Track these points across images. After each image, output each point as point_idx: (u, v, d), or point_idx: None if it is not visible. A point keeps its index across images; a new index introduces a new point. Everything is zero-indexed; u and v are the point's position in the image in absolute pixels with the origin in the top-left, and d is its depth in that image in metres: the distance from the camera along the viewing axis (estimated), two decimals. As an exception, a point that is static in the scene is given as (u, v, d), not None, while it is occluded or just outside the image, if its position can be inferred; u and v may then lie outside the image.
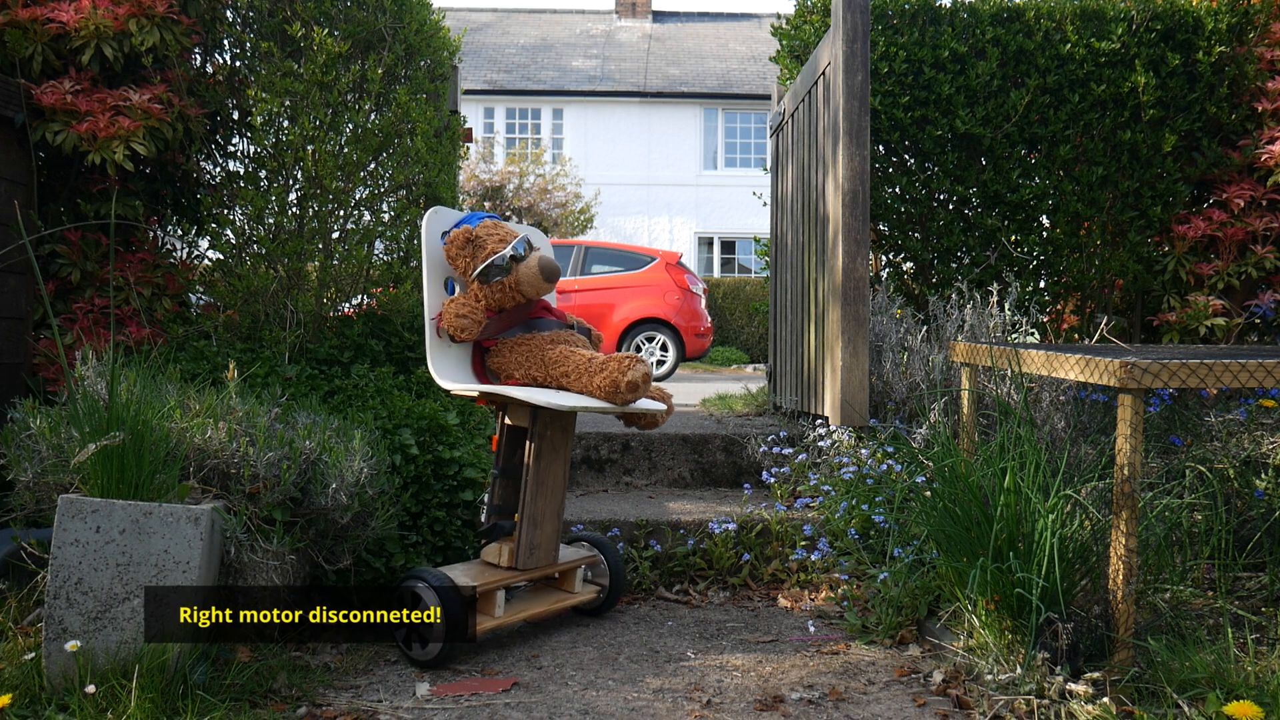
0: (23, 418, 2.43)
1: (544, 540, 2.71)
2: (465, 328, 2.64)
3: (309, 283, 3.48)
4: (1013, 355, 2.71)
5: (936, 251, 4.49)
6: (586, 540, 2.99)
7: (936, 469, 2.61)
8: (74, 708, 2.00)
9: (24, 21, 3.23)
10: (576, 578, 2.85)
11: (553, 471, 2.71)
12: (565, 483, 2.76)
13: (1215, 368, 2.23)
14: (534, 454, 2.65)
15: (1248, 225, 4.33)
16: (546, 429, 2.67)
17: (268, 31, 3.47)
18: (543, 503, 2.69)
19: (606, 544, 2.96)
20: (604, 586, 2.91)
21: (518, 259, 2.69)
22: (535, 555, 2.70)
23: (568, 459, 2.76)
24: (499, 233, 2.73)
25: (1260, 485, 2.84)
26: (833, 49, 3.66)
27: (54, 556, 2.12)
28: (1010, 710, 2.17)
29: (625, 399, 2.53)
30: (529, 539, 2.67)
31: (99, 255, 3.40)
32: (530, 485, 2.65)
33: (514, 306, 2.75)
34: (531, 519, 2.67)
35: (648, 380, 2.53)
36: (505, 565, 2.66)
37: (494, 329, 2.73)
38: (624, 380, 2.50)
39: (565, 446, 2.74)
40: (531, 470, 2.65)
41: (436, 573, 2.48)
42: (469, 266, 2.70)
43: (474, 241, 2.70)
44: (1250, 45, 4.42)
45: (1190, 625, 2.41)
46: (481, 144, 17.51)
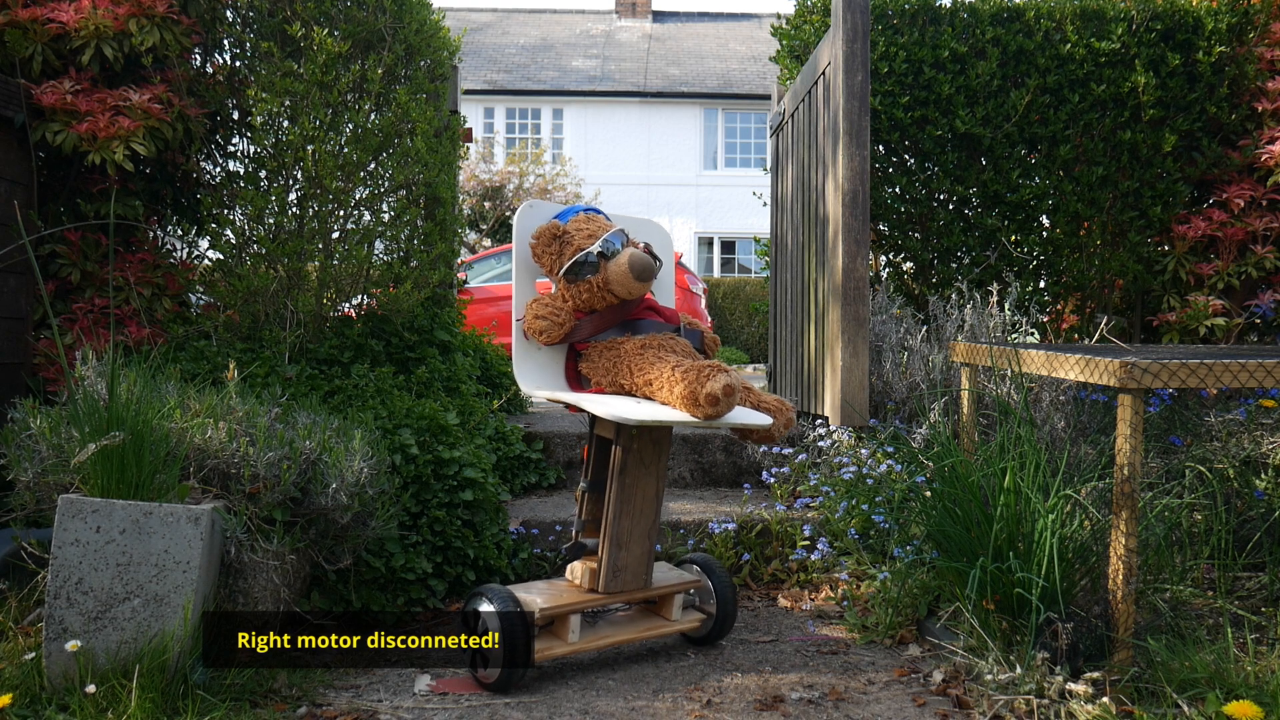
0: (23, 418, 2.43)
1: (630, 562, 2.47)
2: (545, 330, 2.45)
3: (309, 283, 3.48)
4: (1013, 355, 2.71)
5: (936, 251, 4.49)
6: (696, 562, 2.76)
7: (936, 469, 2.61)
8: (74, 708, 2.00)
9: (24, 21, 3.23)
10: (675, 603, 2.62)
11: (641, 488, 2.46)
12: (658, 501, 2.50)
13: (1215, 368, 2.23)
14: (618, 467, 2.41)
15: (1248, 225, 4.33)
16: (634, 441, 2.42)
17: (268, 31, 3.47)
18: (629, 522, 2.45)
19: (715, 567, 2.72)
20: (710, 614, 2.67)
21: (607, 256, 2.44)
22: (620, 578, 2.46)
23: (661, 475, 2.50)
24: (590, 227, 2.50)
25: (1260, 485, 2.84)
26: (833, 49, 3.66)
27: (54, 556, 2.12)
28: (1010, 710, 2.17)
29: (707, 413, 2.21)
30: (612, 560, 2.44)
31: (99, 255, 3.40)
32: (614, 502, 2.42)
33: (609, 307, 2.51)
34: (615, 539, 2.44)
35: (731, 392, 2.20)
36: (585, 587, 2.47)
37: (587, 330, 2.50)
38: (702, 392, 2.20)
39: (657, 461, 2.48)
40: (615, 486, 2.42)
41: (502, 592, 2.33)
42: (555, 265, 2.49)
43: (561, 237, 2.49)
44: (1250, 45, 4.42)
45: (1190, 625, 2.41)
46: (481, 144, 17.51)
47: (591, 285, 2.45)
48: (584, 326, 2.50)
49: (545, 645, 2.36)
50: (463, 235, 12.16)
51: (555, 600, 2.38)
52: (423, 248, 3.79)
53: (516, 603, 2.30)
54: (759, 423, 2.34)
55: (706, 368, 2.23)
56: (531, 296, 2.55)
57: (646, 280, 2.43)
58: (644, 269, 2.41)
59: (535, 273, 2.58)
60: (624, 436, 2.40)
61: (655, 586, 2.57)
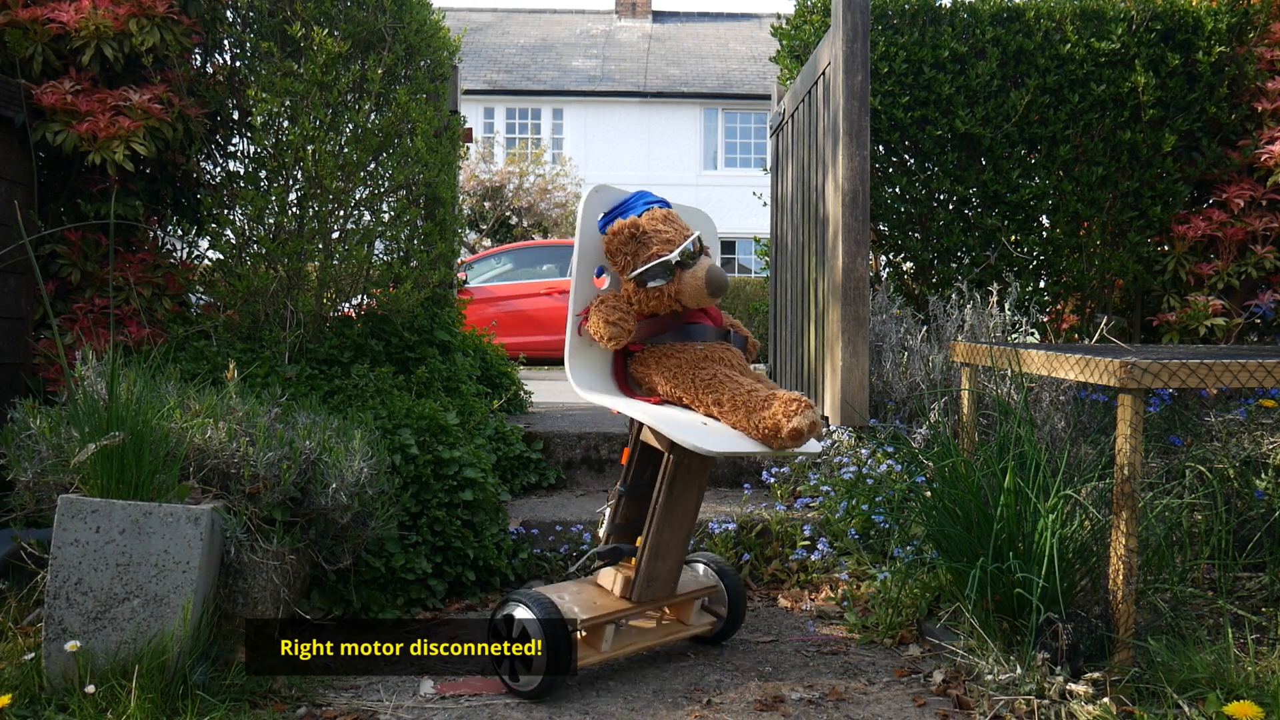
0: (23, 418, 2.43)
1: (664, 572, 2.45)
2: (614, 336, 2.33)
3: (309, 283, 3.48)
4: (1013, 355, 2.71)
5: (936, 251, 4.49)
6: (705, 562, 2.73)
7: (936, 469, 2.61)
8: (74, 708, 2.00)
9: (24, 22, 3.23)
10: (693, 607, 2.60)
11: (685, 500, 2.41)
12: (696, 511, 2.47)
13: (1215, 368, 2.23)
14: (667, 481, 2.35)
15: (1247, 225, 4.33)
16: (685, 455, 2.34)
17: (268, 31, 3.47)
18: (669, 533, 2.40)
19: (726, 567, 2.70)
20: (720, 616, 2.65)
21: (684, 265, 2.34)
22: (653, 588, 2.43)
23: (703, 486, 2.47)
24: (667, 230, 2.38)
25: (1260, 485, 2.84)
26: (833, 49, 3.66)
27: (54, 556, 2.12)
28: (1010, 710, 2.17)
29: (784, 445, 2.18)
30: (649, 570, 2.39)
31: (99, 255, 3.40)
32: (658, 514, 2.36)
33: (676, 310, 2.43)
34: (655, 550, 2.38)
35: (816, 430, 2.17)
36: (619, 594, 2.41)
37: (643, 333, 2.42)
38: (787, 427, 2.14)
39: (703, 474, 2.44)
40: (662, 498, 2.35)
41: (542, 599, 2.26)
42: (628, 265, 2.37)
43: (639, 238, 2.36)
44: (1250, 45, 4.42)
45: (1190, 625, 2.41)
46: (481, 144, 17.50)
47: (662, 294, 2.36)
48: (642, 328, 2.42)
49: (581, 654, 2.32)
50: (463, 235, 12.17)
51: (594, 611, 2.34)
52: (423, 248, 3.79)
53: (557, 610, 2.25)
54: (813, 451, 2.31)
55: (794, 401, 2.17)
56: (591, 291, 2.44)
57: (718, 296, 2.36)
58: (719, 285, 2.33)
59: (596, 262, 2.46)
60: (679, 450, 2.32)
61: (680, 594, 2.55)
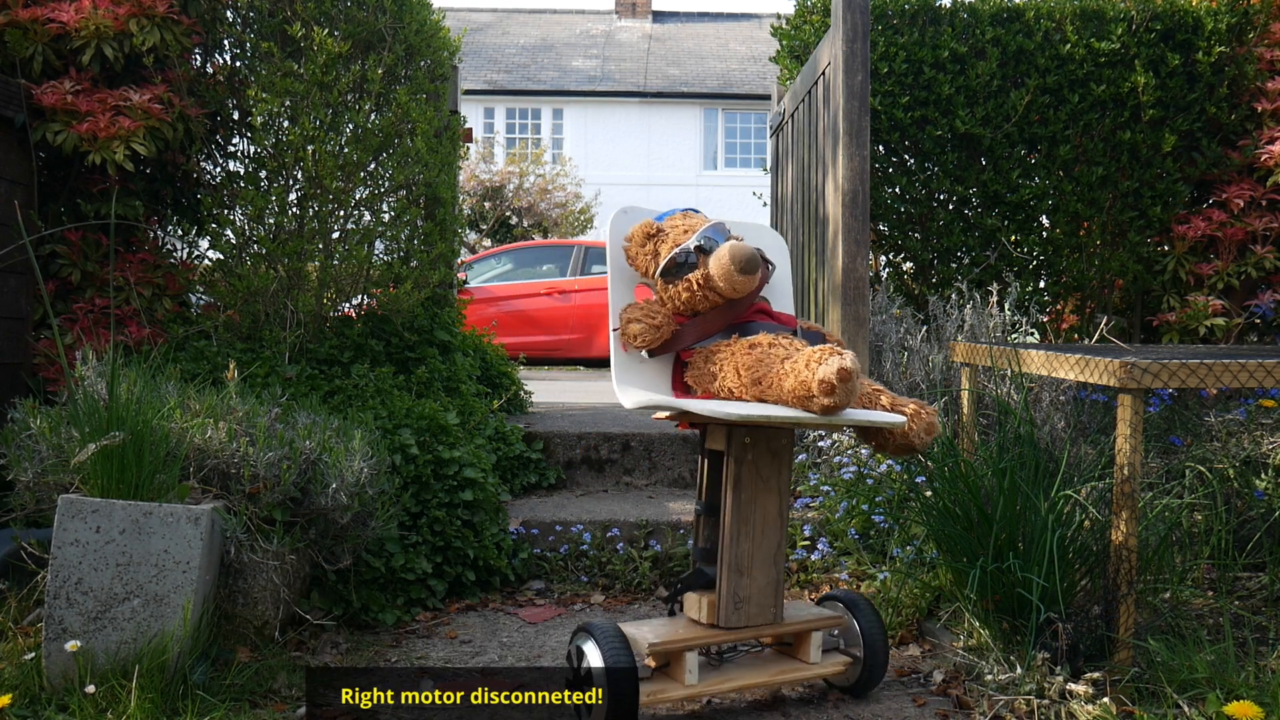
0: (23, 418, 2.43)
1: (755, 592, 2.16)
2: (639, 334, 2.18)
3: (309, 283, 3.48)
4: (1012, 355, 2.71)
5: (936, 251, 4.49)
6: (838, 599, 2.39)
7: (936, 469, 2.61)
8: (74, 708, 2.00)
9: (24, 21, 3.23)
10: (813, 643, 2.25)
11: (761, 505, 2.16)
12: (782, 521, 2.20)
13: (1215, 368, 2.24)
14: (731, 481, 2.13)
15: (1247, 225, 4.33)
16: (747, 452, 2.14)
17: (268, 31, 3.47)
18: (748, 544, 2.15)
19: (860, 603, 2.34)
20: (855, 658, 2.29)
21: (705, 250, 2.17)
22: (744, 611, 2.15)
23: (784, 490, 2.19)
24: (686, 223, 2.26)
25: (1260, 485, 2.84)
26: (833, 49, 3.66)
27: (54, 556, 2.12)
28: (1010, 710, 2.17)
29: (823, 404, 1.88)
30: (732, 589, 2.14)
31: (99, 255, 3.40)
32: (730, 522, 2.13)
33: (714, 309, 2.24)
34: (734, 564, 2.13)
35: (847, 377, 1.85)
36: (705, 621, 2.16)
37: (691, 336, 2.25)
38: (814, 380, 1.86)
39: (778, 474, 2.18)
40: (730, 502, 2.13)
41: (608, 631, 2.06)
42: (651, 265, 2.25)
43: (655, 236, 2.25)
44: (1250, 45, 4.42)
45: (1190, 625, 2.41)
46: (481, 144, 17.50)
47: (691, 284, 2.18)
48: (687, 332, 2.25)
49: (658, 688, 2.09)
50: (463, 235, 12.18)
51: (668, 635, 2.11)
52: (423, 248, 3.79)
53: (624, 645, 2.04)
54: (889, 421, 2.03)
55: (818, 352, 1.92)
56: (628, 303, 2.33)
57: (750, 273, 2.12)
58: (746, 260, 2.10)
59: (631, 279, 2.37)
60: (735, 446, 2.14)
61: (787, 622, 2.23)
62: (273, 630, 2.41)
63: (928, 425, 2.11)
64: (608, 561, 3.20)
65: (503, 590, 3.11)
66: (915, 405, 2.13)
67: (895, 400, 2.15)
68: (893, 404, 2.14)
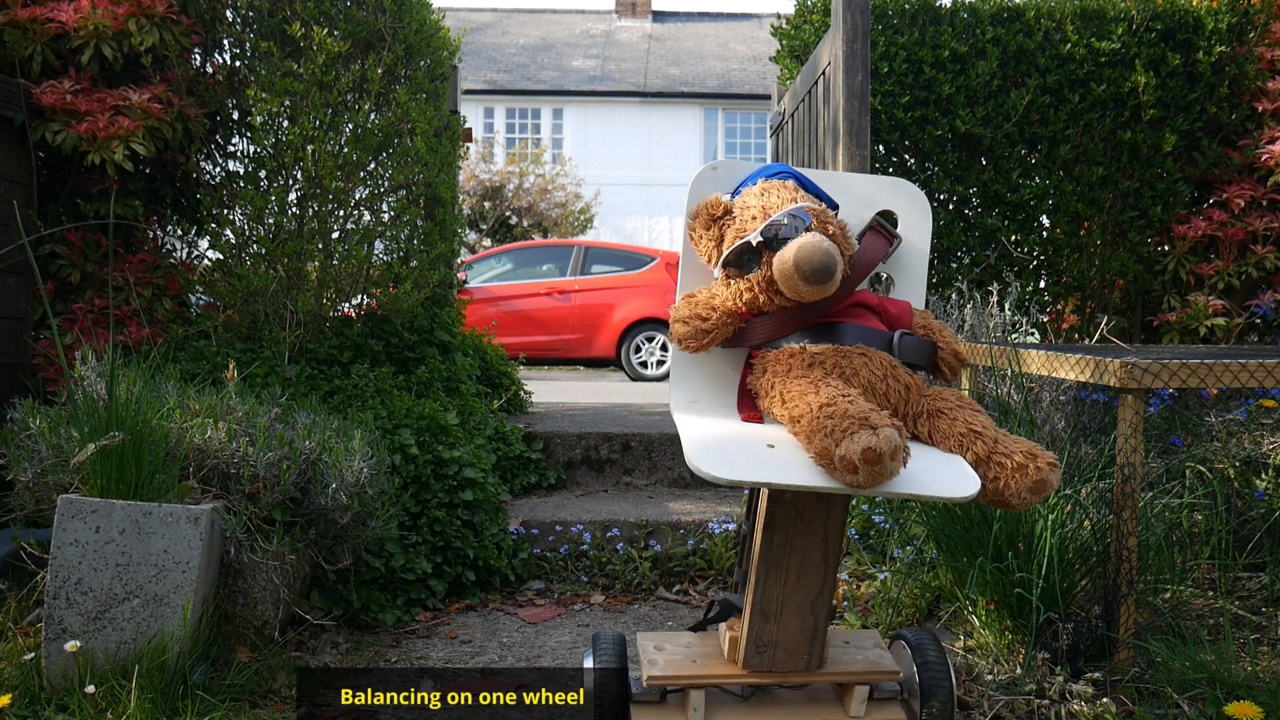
0: (22, 418, 2.43)
1: (782, 639, 1.87)
2: (685, 338, 1.83)
3: (309, 283, 3.48)
4: (1013, 355, 2.71)
5: (936, 251, 4.49)
6: (906, 640, 2.04)
7: (936, 469, 2.60)
8: (74, 708, 2.00)
9: (24, 21, 3.23)
10: (855, 695, 1.92)
11: (799, 549, 1.81)
12: (828, 566, 1.83)
13: (1215, 368, 2.23)
14: (764, 520, 1.79)
15: (1248, 225, 4.33)
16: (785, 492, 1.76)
17: (267, 31, 3.47)
18: (778, 588, 1.84)
19: (929, 649, 1.99)
20: (914, 712, 1.97)
21: (771, 245, 1.75)
22: (766, 656, 1.87)
23: (831, 535, 1.81)
24: (760, 201, 1.81)
25: (1260, 485, 2.84)
26: (833, 49, 3.66)
27: (53, 556, 2.12)
28: (1010, 710, 2.17)
29: (847, 480, 1.54)
30: (756, 633, 1.86)
31: (99, 255, 3.40)
32: (760, 563, 1.81)
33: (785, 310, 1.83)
34: (760, 608, 1.84)
35: (875, 459, 1.49)
36: (728, 658, 1.93)
37: (761, 334, 1.86)
38: (836, 453, 1.53)
39: (825, 517, 1.79)
40: (761, 542, 1.80)
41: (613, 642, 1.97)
42: (712, 254, 1.87)
43: (721, 219, 1.86)
44: (1250, 45, 4.42)
45: (1190, 625, 2.41)
46: (481, 144, 17.51)
47: (753, 284, 1.79)
48: (756, 328, 1.86)
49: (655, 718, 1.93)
50: (463, 235, 12.17)
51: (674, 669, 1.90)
52: (423, 248, 3.79)
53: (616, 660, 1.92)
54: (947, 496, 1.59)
55: (847, 420, 1.55)
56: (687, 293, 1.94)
57: (820, 283, 1.70)
58: (815, 270, 1.68)
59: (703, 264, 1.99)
60: None
61: (825, 671, 1.92)
62: (272, 630, 2.41)
63: (1034, 484, 1.60)
64: (608, 561, 3.20)
65: (503, 590, 3.11)
66: (1024, 455, 1.63)
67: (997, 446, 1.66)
68: (990, 453, 1.66)
